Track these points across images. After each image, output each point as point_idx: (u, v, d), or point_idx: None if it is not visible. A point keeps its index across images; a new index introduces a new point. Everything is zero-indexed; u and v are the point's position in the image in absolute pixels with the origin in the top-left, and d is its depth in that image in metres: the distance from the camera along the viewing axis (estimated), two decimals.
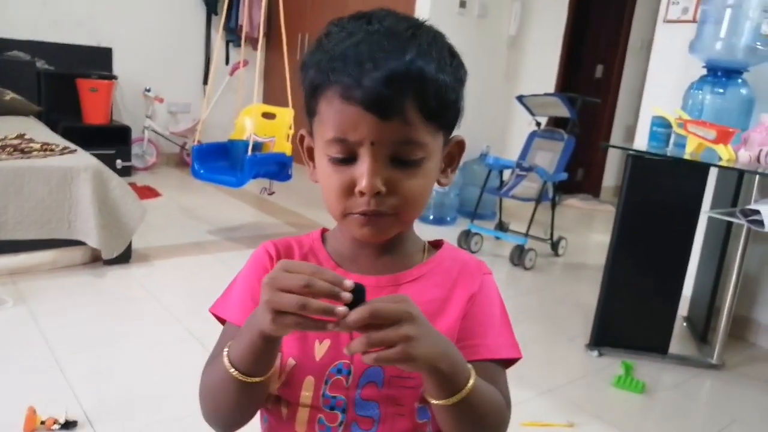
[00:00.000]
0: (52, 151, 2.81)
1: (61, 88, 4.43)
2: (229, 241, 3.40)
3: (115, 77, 4.72)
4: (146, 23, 5.03)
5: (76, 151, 2.92)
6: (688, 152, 2.31)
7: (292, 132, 3.42)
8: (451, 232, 3.78)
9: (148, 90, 4.91)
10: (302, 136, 0.73)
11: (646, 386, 2.17)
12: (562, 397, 2.08)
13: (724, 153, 2.22)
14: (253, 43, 5.29)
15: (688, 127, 2.32)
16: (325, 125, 0.65)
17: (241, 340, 0.62)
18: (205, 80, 5.28)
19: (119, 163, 4.51)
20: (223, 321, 0.74)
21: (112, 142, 4.56)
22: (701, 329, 2.63)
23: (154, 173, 4.96)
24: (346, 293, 0.54)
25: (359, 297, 0.54)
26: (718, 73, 2.52)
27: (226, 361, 0.63)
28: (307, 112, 0.69)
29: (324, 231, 0.78)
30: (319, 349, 0.70)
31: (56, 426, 1.60)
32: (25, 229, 2.54)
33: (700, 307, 2.70)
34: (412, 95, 0.61)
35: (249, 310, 0.62)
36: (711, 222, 2.68)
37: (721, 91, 2.51)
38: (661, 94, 2.97)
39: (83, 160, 2.75)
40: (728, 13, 2.44)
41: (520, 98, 3.77)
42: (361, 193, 0.64)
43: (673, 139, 2.45)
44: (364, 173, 0.63)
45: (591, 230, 4.81)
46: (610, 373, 2.25)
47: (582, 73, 5.70)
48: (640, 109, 3.16)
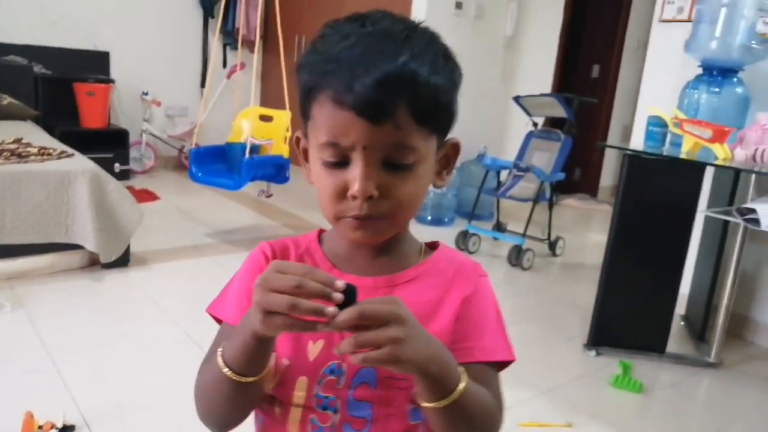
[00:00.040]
0: (50, 155, 2.82)
1: (59, 92, 4.43)
2: (227, 244, 3.41)
3: (113, 81, 4.71)
4: (143, 27, 5.03)
5: (73, 155, 2.92)
6: (685, 151, 2.32)
7: (290, 134, 3.43)
8: (448, 233, 3.78)
9: (146, 93, 4.91)
10: (298, 138, 0.73)
11: (643, 386, 2.17)
12: (560, 397, 2.08)
13: (720, 152, 2.23)
14: (250, 45, 5.31)
15: (684, 126, 2.33)
16: (318, 129, 0.65)
17: (235, 340, 0.62)
18: (203, 83, 5.28)
19: (117, 167, 4.51)
20: (219, 321, 0.75)
21: (110, 145, 4.55)
22: (699, 328, 2.64)
23: (152, 176, 4.97)
24: (337, 294, 0.54)
25: (351, 298, 0.55)
26: (714, 73, 2.53)
27: (221, 361, 0.63)
28: (302, 114, 0.69)
29: (321, 232, 0.78)
30: (313, 350, 0.70)
31: (54, 430, 1.60)
32: (22, 233, 2.54)
33: (698, 305, 2.70)
34: (405, 99, 0.61)
35: (245, 311, 0.62)
36: (708, 221, 2.68)
37: (717, 90, 2.51)
38: (658, 93, 2.98)
39: (80, 164, 2.76)
40: (723, 12, 2.45)
41: (517, 99, 3.78)
42: (354, 197, 0.64)
43: (669, 138, 2.46)
44: (357, 177, 0.62)
45: (588, 230, 4.81)
46: (608, 372, 2.25)
47: (578, 74, 5.71)
48: (637, 109, 3.17)
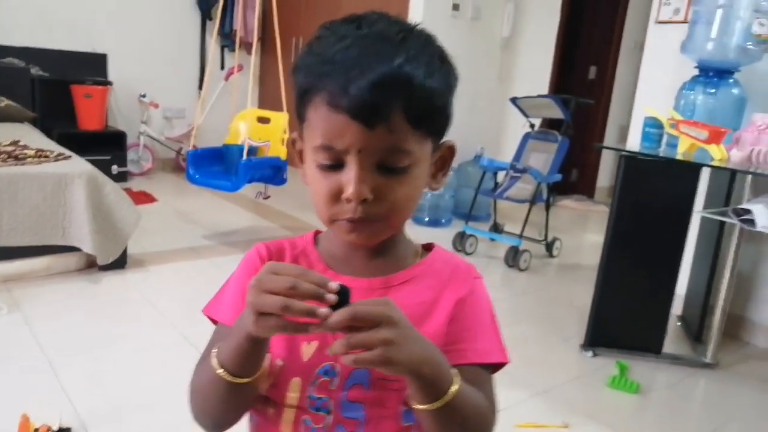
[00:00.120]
0: (47, 157, 2.81)
1: (56, 94, 4.43)
2: (225, 246, 3.41)
3: (110, 83, 4.71)
4: (141, 29, 5.03)
5: (70, 157, 2.92)
6: (681, 152, 2.33)
7: (287, 136, 3.42)
8: (446, 234, 3.79)
9: (143, 95, 4.90)
10: (294, 140, 0.73)
11: (640, 386, 2.18)
12: (556, 398, 2.08)
13: (716, 153, 2.24)
14: (248, 47, 5.31)
15: (680, 127, 2.33)
16: (313, 131, 0.65)
17: (230, 341, 0.62)
18: (200, 85, 5.28)
19: (115, 169, 4.51)
20: (215, 322, 0.75)
21: (107, 147, 4.56)
22: (695, 328, 2.64)
23: (150, 178, 4.97)
24: (331, 295, 0.54)
25: (344, 299, 0.55)
26: (710, 74, 2.54)
27: (215, 362, 0.63)
28: (298, 116, 0.69)
29: (317, 233, 0.78)
30: (307, 351, 0.70)
31: None
32: (19, 235, 2.54)
33: (694, 306, 2.71)
34: (399, 102, 0.61)
35: (240, 311, 0.62)
36: (704, 221, 2.69)
37: (713, 91, 2.52)
38: (654, 94, 2.99)
39: (77, 166, 2.75)
40: (719, 13, 2.45)
41: (514, 100, 3.78)
42: (348, 200, 0.64)
43: (665, 139, 2.46)
44: (351, 180, 0.63)
45: (585, 231, 4.82)
46: (605, 373, 2.26)
47: (575, 75, 5.72)
48: (633, 110, 3.18)
